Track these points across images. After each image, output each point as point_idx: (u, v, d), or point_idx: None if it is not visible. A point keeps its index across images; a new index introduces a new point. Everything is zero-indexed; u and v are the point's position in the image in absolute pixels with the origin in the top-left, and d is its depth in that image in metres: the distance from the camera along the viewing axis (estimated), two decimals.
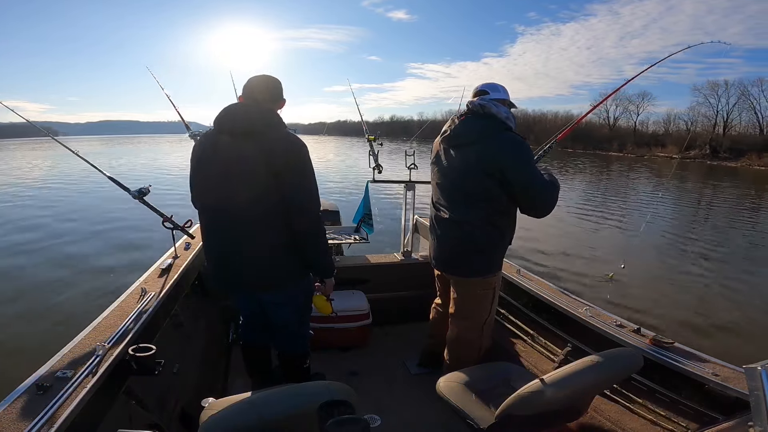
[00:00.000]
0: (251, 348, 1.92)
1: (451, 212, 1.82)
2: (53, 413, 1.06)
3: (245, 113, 1.49)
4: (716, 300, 5.24)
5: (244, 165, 1.45)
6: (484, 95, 1.82)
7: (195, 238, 2.51)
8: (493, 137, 1.71)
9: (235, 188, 1.46)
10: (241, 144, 1.45)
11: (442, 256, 1.92)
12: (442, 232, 1.89)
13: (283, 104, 1.63)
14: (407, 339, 2.62)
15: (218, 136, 1.51)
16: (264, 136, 1.45)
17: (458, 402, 1.48)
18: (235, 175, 1.46)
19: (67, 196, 12.07)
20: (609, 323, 1.82)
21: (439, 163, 1.90)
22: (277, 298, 1.66)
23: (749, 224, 10.46)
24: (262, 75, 1.59)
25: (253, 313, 1.83)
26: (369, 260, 2.85)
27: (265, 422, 1.04)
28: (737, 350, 3.85)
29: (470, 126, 1.78)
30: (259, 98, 1.55)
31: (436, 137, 1.97)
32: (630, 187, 17.83)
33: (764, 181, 22.56)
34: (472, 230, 1.78)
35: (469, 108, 1.82)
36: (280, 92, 1.61)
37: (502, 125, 1.74)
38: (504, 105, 1.81)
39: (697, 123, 45.59)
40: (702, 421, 1.46)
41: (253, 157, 1.43)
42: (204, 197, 1.58)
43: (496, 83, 1.86)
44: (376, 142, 2.80)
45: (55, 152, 31.72)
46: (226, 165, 1.47)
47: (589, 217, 10.18)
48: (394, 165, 2.80)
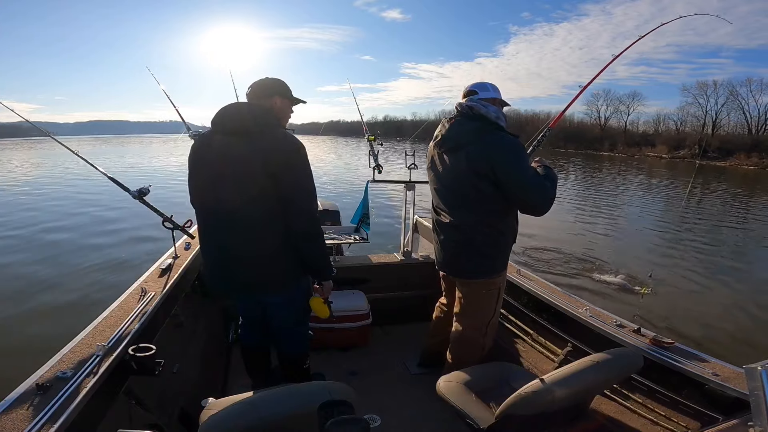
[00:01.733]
0: (251, 349, 1.92)
1: (450, 216, 1.83)
2: (53, 413, 1.06)
3: (237, 112, 1.49)
4: (716, 300, 5.24)
5: (240, 165, 1.43)
6: (473, 95, 1.81)
7: (195, 238, 2.51)
8: (482, 138, 1.70)
9: (232, 189, 1.44)
10: (236, 143, 1.44)
11: (445, 259, 1.92)
12: (443, 236, 1.89)
13: (278, 101, 1.58)
14: (407, 339, 2.62)
15: (213, 136, 1.50)
16: (260, 135, 1.44)
17: (458, 402, 1.48)
18: (231, 176, 1.44)
19: (66, 197, 12.06)
20: (609, 323, 1.82)
21: (434, 168, 1.90)
22: (276, 299, 1.66)
23: (750, 224, 10.47)
24: (264, 77, 1.60)
25: (253, 315, 1.83)
26: (369, 260, 2.85)
27: (265, 422, 1.04)
28: (737, 350, 3.85)
29: (459, 129, 1.77)
30: (252, 97, 1.56)
31: (431, 141, 1.95)
32: (630, 189, 17.83)
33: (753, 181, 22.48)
34: (471, 232, 1.78)
35: (458, 110, 1.82)
36: (272, 88, 1.57)
37: (492, 125, 1.73)
38: (494, 104, 1.80)
39: (686, 123, 46.23)
40: (702, 421, 1.46)
41: (249, 157, 1.42)
42: (201, 198, 1.56)
43: (485, 82, 1.84)
44: (376, 142, 2.80)
45: (48, 152, 31.70)
46: (222, 165, 1.45)
47: (588, 218, 10.19)
48: (387, 164, 2.81)
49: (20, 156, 34.66)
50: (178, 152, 26.28)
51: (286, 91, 1.61)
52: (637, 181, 20.85)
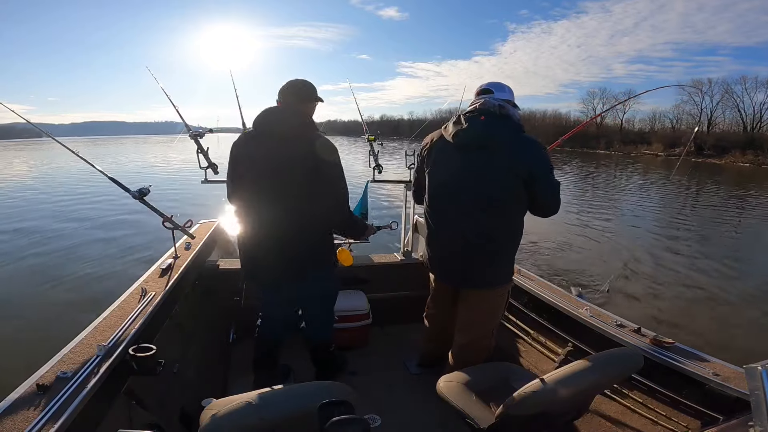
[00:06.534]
0: (271, 343, 1.96)
1: (467, 220, 1.69)
2: (53, 413, 1.06)
3: (286, 119, 1.65)
4: (716, 300, 5.23)
5: (290, 164, 1.61)
6: (488, 94, 1.72)
7: (195, 238, 2.51)
8: (520, 139, 1.65)
9: (281, 186, 1.62)
10: (282, 145, 1.61)
11: (453, 268, 1.79)
12: (452, 243, 1.74)
13: (314, 105, 1.76)
14: (407, 339, 2.62)
15: (259, 138, 1.67)
16: (308, 140, 1.63)
17: (458, 402, 1.48)
18: (280, 174, 1.61)
19: (66, 197, 12.06)
20: (609, 323, 1.82)
21: (445, 165, 1.74)
22: (314, 288, 1.82)
23: (749, 222, 10.47)
24: (295, 79, 1.74)
25: (279, 309, 1.92)
26: (369, 260, 2.84)
27: (265, 422, 1.04)
28: (737, 350, 3.85)
29: (490, 127, 1.64)
30: (289, 100, 1.70)
31: (431, 139, 1.84)
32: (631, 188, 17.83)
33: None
34: (500, 238, 1.70)
35: (480, 108, 1.68)
36: (310, 94, 1.74)
37: (520, 127, 1.68)
38: (510, 105, 1.73)
39: (681, 121, 46.07)
40: (702, 420, 1.46)
41: (296, 157, 1.61)
42: (247, 195, 1.70)
43: (502, 83, 1.77)
44: (376, 142, 2.80)
45: (45, 153, 31.56)
46: (270, 164, 1.62)
47: (588, 219, 10.19)
48: (385, 163, 2.81)
49: (19, 156, 34.65)
50: (174, 152, 26.26)
51: (317, 94, 1.77)
52: (633, 178, 20.85)
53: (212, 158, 2.41)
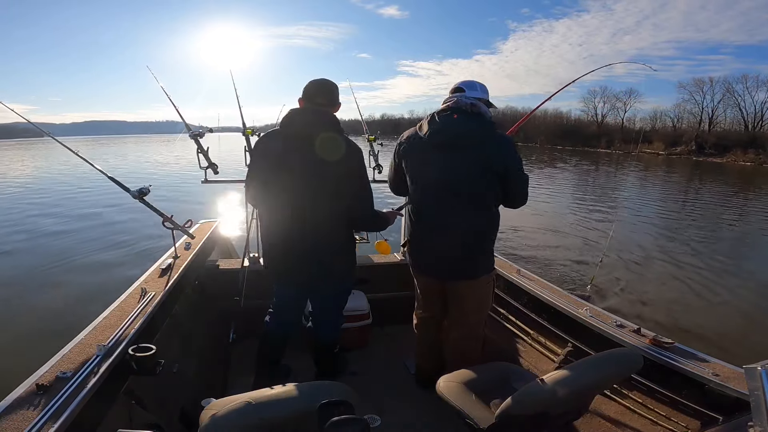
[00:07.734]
0: (275, 337, 1.98)
1: (453, 216, 1.77)
2: (53, 413, 1.06)
3: (316, 119, 1.65)
4: (716, 300, 5.23)
5: (324, 166, 1.62)
6: (460, 93, 1.77)
7: (195, 238, 2.51)
8: (494, 136, 1.73)
9: (312, 187, 1.64)
10: (318, 147, 1.62)
11: (443, 263, 1.85)
12: (440, 239, 1.82)
13: (339, 107, 1.77)
14: (407, 339, 2.61)
15: (286, 139, 1.67)
16: (336, 140, 1.65)
17: (458, 402, 1.48)
18: (311, 176, 1.63)
19: (65, 197, 12.06)
20: (609, 323, 1.82)
21: (424, 165, 1.80)
22: (337, 287, 1.88)
23: (748, 222, 10.48)
24: (320, 79, 1.73)
25: (295, 305, 1.97)
26: (369, 260, 2.84)
27: (265, 422, 1.04)
28: (737, 350, 3.85)
29: (464, 125, 1.70)
30: (318, 102, 1.69)
31: (407, 132, 1.88)
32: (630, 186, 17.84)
33: None
34: (479, 230, 1.79)
35: (453, 106, 1.74)
36: (336, 96, 1.75)
37: (492, 124, 1.74)
38: (482, 104, 1.77)
39: (682, 120, 46.16)
40: (702, 421, 1.46)
41: (331, 159, 1.62)
42: (284, 195, 1.69)
43: (474, 81, 1.82)
44: (376, 142, 2.80)
45: (45, 153, 31.54)
46: (300, 165, 1.63)
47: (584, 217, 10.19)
48: (384, 161, 2.82)
49: (19, 156, 34.64)
50: (174, 152, 26.26)
51: (338, 94, 1.79)
52: (635, 177, 20.88)
53: (212, 158, 2.41)
